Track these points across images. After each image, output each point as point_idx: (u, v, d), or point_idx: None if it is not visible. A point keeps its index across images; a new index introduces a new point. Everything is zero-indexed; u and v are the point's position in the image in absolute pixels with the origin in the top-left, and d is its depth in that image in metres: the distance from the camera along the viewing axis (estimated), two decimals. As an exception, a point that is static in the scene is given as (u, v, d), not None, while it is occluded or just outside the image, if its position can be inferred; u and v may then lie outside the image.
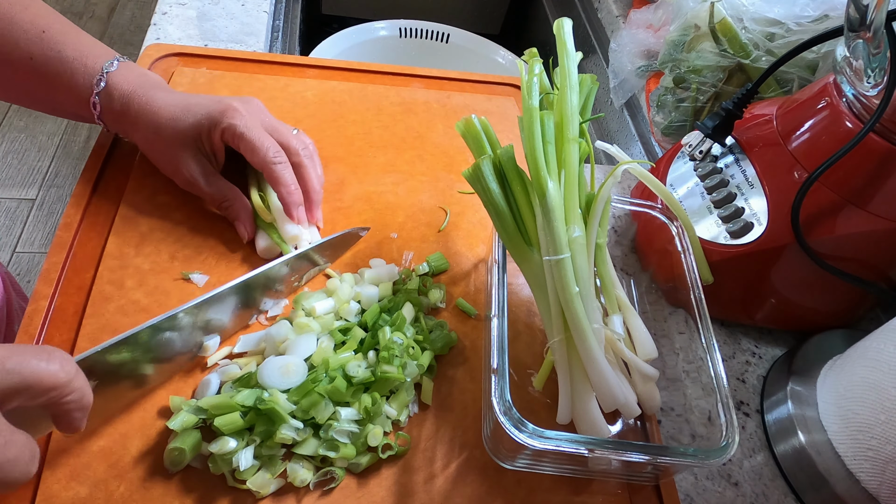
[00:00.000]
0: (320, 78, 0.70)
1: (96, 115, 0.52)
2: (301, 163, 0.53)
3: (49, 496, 0.39)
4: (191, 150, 0.52)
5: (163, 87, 0.54)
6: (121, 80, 0.52)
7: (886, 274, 0.54)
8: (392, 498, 0.43)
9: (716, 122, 0.57)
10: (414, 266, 0.55)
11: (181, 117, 0.51)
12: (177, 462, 0.41)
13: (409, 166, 0.64)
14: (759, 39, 0.64)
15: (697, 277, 0.50)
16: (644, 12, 0.83)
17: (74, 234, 0.52)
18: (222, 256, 0.53)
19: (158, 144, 0.52)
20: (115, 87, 0.51)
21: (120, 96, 0.51)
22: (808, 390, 0.52)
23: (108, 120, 0.53)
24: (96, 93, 0.51)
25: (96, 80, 0.51)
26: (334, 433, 0.42)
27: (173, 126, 0.51)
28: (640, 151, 0.88)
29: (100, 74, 0.51)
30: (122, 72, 0.52)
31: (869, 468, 0.46)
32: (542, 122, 0.45)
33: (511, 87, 0.76)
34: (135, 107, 0.51)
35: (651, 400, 0.47)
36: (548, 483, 0.46)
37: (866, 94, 0.47)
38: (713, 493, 0.50)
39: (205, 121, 0.51)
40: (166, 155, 0.53)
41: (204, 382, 0.44)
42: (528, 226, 0.46)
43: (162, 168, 0.55)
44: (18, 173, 1.83)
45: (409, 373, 0.45)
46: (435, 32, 1.14)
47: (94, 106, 0.52)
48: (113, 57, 0.53)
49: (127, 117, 0.52)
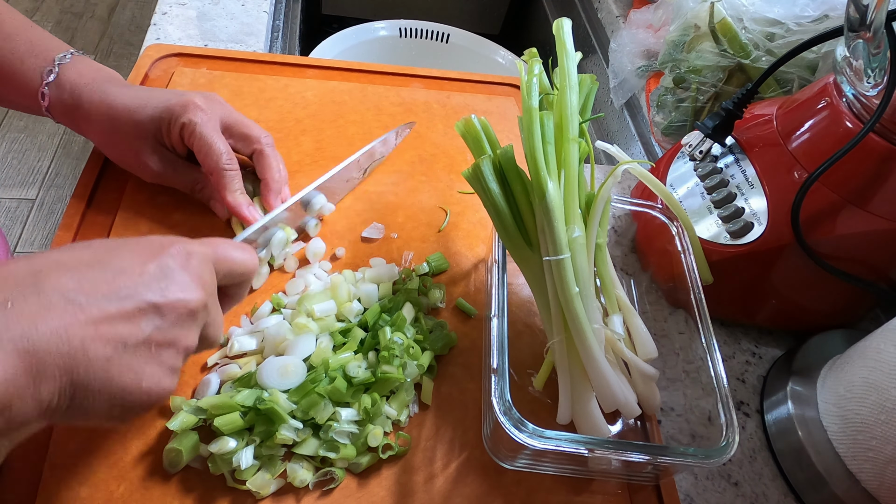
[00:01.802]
0: (320, 78, 0.70)
1: (44, 106, 0.51)
2: (261, 150, 0.53)
3: (49, 496, 0.39)
4: (152, 144, 0.51)
5: (118, 81, 0.53)
6: (73, 73, 0.51)
7: (886, 274, 0.54)
8: (392, 498, 0.43)
9: (716, 122, 0.57)
10: (414, 266, 0.55)
11: (139, 111, 0.50)
12: (174, 463, 0.41)
13: (409, 166, 0.64)
14: (759, 39, 0.64)
15: (697, 277, 0.50)
16: (644, 12, 0.83)
17: (74, 234, 0.52)
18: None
19: (116, 139, 0.52)
20: (67, 80, 0.50)
21: (71, 88, 0.50)
22: (808, 390, 0.52)
23: (57, 112, 0.52)
24: (45, 83, 0.50)
25: (47, 70, 0.50)
26: (334, 434, 0.42)
27: (131, 120, 0.50)
28: (640, 151, 0.88)
29: (51, 66, 0.50)
30: (76, 65, 0.51)
31: (869, 468, 0.46)
32: (542, 122, 0.45)
33: (511, 87, 0.76)
34: (87, 100, 0.50)
35: (651, 400, 0.47)
36: (548, 483, 0.46)
37: (866, 94, 0.47)
38: (713, 493, 0.50)
39: (164, 114, 0.50)
40: (126, 150, 0.52)
41: (204, 382, 0.44)
42: (528, 226, 0.46)
43: (122, 163, 0.54)
44: (18, 173, 1.83)
45: (409, 373, 0.45)
46: (435, 32, 1.14)
47: (42, 96, 0.50)
48: (67, 50, 0.52)
49: (79, 111, 0.51)
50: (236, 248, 0.39)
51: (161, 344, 0.33)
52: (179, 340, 0.34)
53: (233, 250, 0.39)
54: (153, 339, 0.32)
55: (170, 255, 0.34)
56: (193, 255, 0.35)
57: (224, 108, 0.53)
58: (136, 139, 0.51)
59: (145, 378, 0.32)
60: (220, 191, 0.51)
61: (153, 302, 0.32)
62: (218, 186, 0.51)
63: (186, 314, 0.34)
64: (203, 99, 0.51)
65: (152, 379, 0.32)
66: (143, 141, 0.51)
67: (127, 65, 2.11)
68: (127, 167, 0.54)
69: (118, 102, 0.50)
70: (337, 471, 0.43)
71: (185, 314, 0.33)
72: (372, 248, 0.56)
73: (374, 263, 0.54)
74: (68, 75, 0.50)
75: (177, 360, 0.34)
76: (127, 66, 2.08)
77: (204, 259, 0.36)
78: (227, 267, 0.38)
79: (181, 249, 0.35)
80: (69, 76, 0.50)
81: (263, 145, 0.53)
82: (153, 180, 0.53)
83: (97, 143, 0.54)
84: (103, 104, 0.50)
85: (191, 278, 0.34)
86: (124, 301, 0.31)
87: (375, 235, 0.57)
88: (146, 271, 0.33)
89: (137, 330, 0.31)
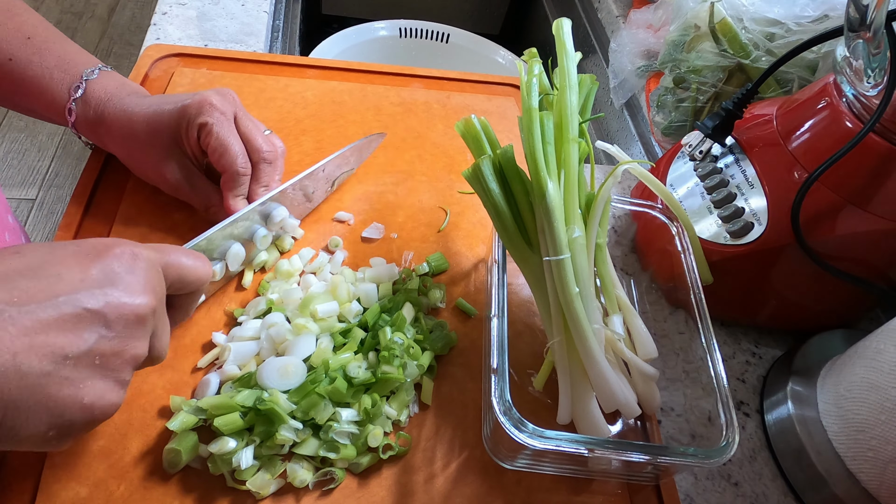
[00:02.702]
0: (320, 78, 0.70)
1: (71, 122, 0.51)
2: (259, 164, 0.51)
3: (49, 496, 0.39)
4: (171, 152, 0.50)
5: (140, 93, 0.52)
6: (98, 88, 0.50)
7: (886, 274, 0.54)
8: (392, 498, 0.43)
9: (716, 122, 0.57)
10: (414, 266, 0.55)
11: (156, 119, 0.49)
12: (174, 463, 0.41)
13: (409, 166, 0.64)
14: (759, 39, 0.64)
15: (697, 277, 0.50)
16: (644, 12, 0.83)
17: (74, 234, 0.52)
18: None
19: (136, 151, 0.51)
20: (92, 95, 0.50)
21: (96, 104, 0.50)
22: (808, 390, 0.52)
23: (83, 129, 0.51)
24: (73, 99, 0.50)
25: (74, 86, 0.50)
26: (334, 434, 0.42)
27: (150, 129, 0.50)
28: (640, 151, 0.88)
29: (79, 81, 0.50)
30: (102, 80, 0.51)
31: (869, 468, 0.46)
32: (542, 122, 0.45)
33: (511, 87, 0.76)
34: (109, 114, 0.50)
35: (651, 400, 0.47)
36: (548, 483, 0.46)
37: (866, 94, 0.47)
38: (713, 493, 0.50)
39: (181, 117, 0.49)
40: (146, 161, 0.51)
41: (203, 382, 0.44)
42: (528, 226, 0.46)
43: (145, 176, 0.53)
44: (18, 173, 1.83)
45: (410, 373, 0.45)
46: (435, 32, 1.14)
47: (69, 112, 0.50)
48: (96, 65, 0.51)
49: (102, 125, 0.50)
50: (187, 255, 0.37)
51: (106, 355, 0.30)
52: (127, 350, 0.31)
53: (183, 257, 0.37)
54: (97, 349, 0.30)
55: (114, 258, 0.32)
56: (140, 257, 0.33)
57: (237, 106, 0.52)
58: (156, 149, 0.50)
59: (87, 392, 0.29)
60: (225, 191, 0.50)
61: (96, 309, 0.30)
62: (225, 187, 0.50)
63: (134, 321, 0.31)
64: (219, 97, 0.50)
65: (94, 393, 0.30)
66: (162, 150, 0.50)
67: (127, 65, 2.11)
68: (148, 179, 0.53)
69: (136, 113, 0.50)
70: (337, 471, 0.43)
71: (132, 321, 0.31)
72: (372, 248, 0.56)
73: (374, 263, 0.54)
74: (94, 91, 0.50)
75: (125, 372, 0.32)
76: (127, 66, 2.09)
77: (152, 263, 0.34)
78: (177, 273, 0.36)
79: (127, 251, 0.32)
80: (95, 92, 0.50)
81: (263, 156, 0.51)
82: (171, 192, 0.52)
83: (121, 157, 0.53)
84: (123, 116, 0.50)
85: (138, 282, 0.32)
86: (61, 308, 0.29)
87: (375, 235, 0.57)
88: (88, 276, 0.30)
89: (78, 340, 0.29)
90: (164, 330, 0.35)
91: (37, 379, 0.28)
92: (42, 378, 0.28)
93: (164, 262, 0.35)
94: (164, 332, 0.35)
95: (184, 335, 0.48)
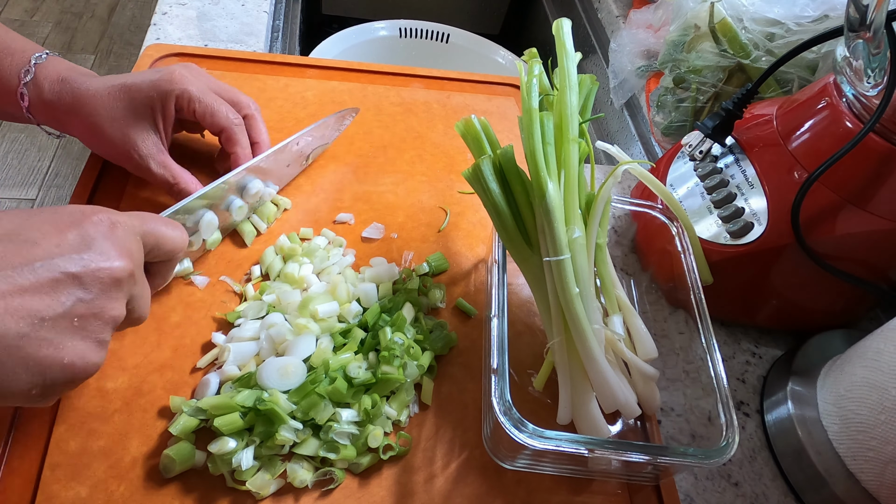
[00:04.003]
0: (320, 78, 0.70)
1: (24, 107, 0.51)
2: (252, 115, 0.54)
3: (49, 496, 0.39)
4: (141, 129, 0.50)
5: (90, 74, 0.52)
6: (50, 71, 0.50)
7: (886, 274, 0.54)
8: (392, 498, 0.43)
9: (716, 122, 0.57)
10: (414, 266, 0.55)
11: (122, 95, 0.50)
12: (168, 469, 0.41)
13: (409, 166, 0.64)
14: (759, 39, 0.64)
15: (697, 277, 0.50)
16: (644, 12, 0.83)
17: (74, 234, 0.52)
18: (222, 256, 0.53)
19: (102, 129, 0.50)
20: (45, 78, 0.50)
21: (51, 85, 0.50)
22: (808, 390, 0.52)
23: (38, 112, 0.51)
24: (24, 83, 0.50)
25: (24, 70, 0.50)
26: (334, 434, 0.42)
27: (118, 107, 0.50)
28: (640, 151, 0.88)
29: (27, 66, 0.50)
30: (52, 64, 0.51)
31: (869, 468, 0.46)
32: (542, 122, 0.45)
33: (511, 87, 0.76)
34: (69, 94, 0.50)
35: (651, 400, 0.47)
36: (548, 483, 0.46)
37: (866, 94, 0.47)
38: (713, 493, 0.50)
39: (153, 93, 0.49)
40: (112, 139, 0.51)
41: (203, 382, 0.44)
42: (528, 226, 0.46)
43: (108, 154, 0.53)
44: (18, 173, 1.83)
45: (410, 374, 0.45)
46: (435, 32, 1.14)
47: (21, 97, 0.50)
48: (42, 51, 0.51)
49: (60, 106, 0.50)
50: (165, 224, 0.39)
51: (84, 316, 0.32)
52: (105, 311, 0.33)
53: (161, 225, 0.38)
54: (75, 311, 0.31)
55: (92, 224, 0.33)
56: (119, 224, 0.34)
57: (207, 76, 0.54)
58: (124, 127, 0.50)
59: (66, 353, 0.31)
60: (231, 146, 0.52)
61: (72, 272, 0.31)
62: (227, 144, 0.52)
63: (111, 283, 0.32)
64: (186, 69, 0.52)
65: (74, 352, 0.31)
66: (132, 127, 0.50)
67: (127, 65, 2.11)
68: (113, 158, 0.53)
69: (98, 90, 0.50)
70: (337, 471, 0.43)
71: (109, 283, 0.32)
72: (372, 248, 0.56)
73: (375, 263, 0.54)
74: (45, 74, 0.50)
75: (104, 332, 0.33)
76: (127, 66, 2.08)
77: (130, 229, 0.35)
78: (154, 240, 0.37)
79: (105, 218, 0.34)
80: (47, 74, 0.50)
81: (253, 110, 0.55)
82: (136, 170, 0.52)
83: (82, 137, 0.53)
84: (83, 96, 0.50)
85: (114, 246, 0.33)
86: (39, 272, 0.30)
87: (375, 235, 0.57)
88: (64, 241, 0.32)
89: (55, 302, 0.30)
90: (143, 293, 0.37)
91: (14, 340, 0.29)
92: (19, 339, 0.29)
93: (143, 230, 0.36)
94: (143, 296, 0.37)
95: (184, 335, 0.48)
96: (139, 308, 0.37)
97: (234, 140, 0.52)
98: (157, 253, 0.38)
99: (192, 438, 0.42)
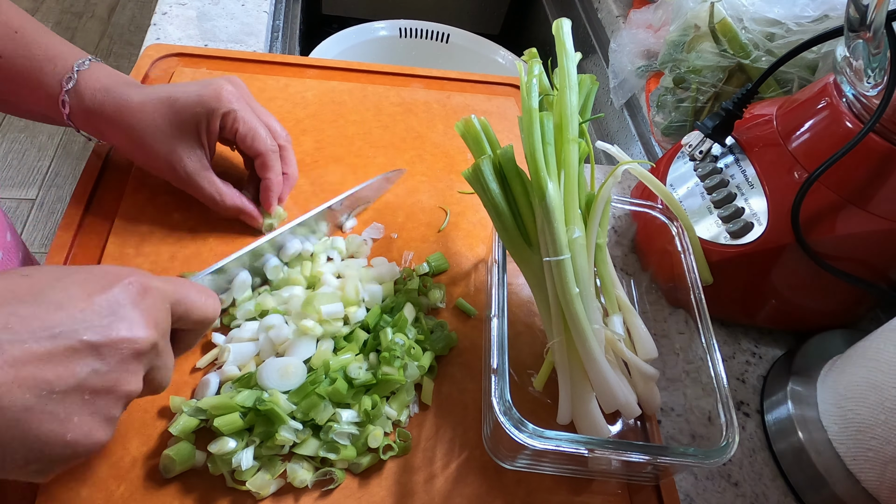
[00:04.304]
0: (320, 78, 0.70)
1: (65, 114, 0.50)
2: (285, 146, 0.54)
3: (49, 496, 0.39)
4: (186, 145, 0.50)
5: (132, 83, 0.52)
6: (92, 79, 0.50)
7: (886, 274, 0.54)
8: (392, 498, 0.43)
9: (716, 122, 0.57)
10: (414, 266, 0.55)
11: (168, 111, 0.49)
12: (168, 470, 0.41)
13: (409, 166, 0.64)
14: (759, 39, 0.64)
15: (697, 277, 0.50)
16: (644, 12, 0.83)
17: (74, 234, 0.52)
18: (222, 256, 0.53)
19: (144, 142, 0.50)
20: (87, 86, 0.50)
21: (92, 94, 0.49)
22: (808, 390, 0.52)
23: (79, 120, 0.51)
24: (66, 90, 0.49)
25: (66, 77, 0.49)
26: (334, 435, 0.42)
27: (162, 121, 0.49)
28: (640, 151, 0.88)
29: (70, 73, 0.50)
30: (94, 71, 0.50)
31: (869, 468, 0.46)
32: (542, 122, 0.45)
33: (511, 87, 0.76)
34: (111, 104, 0.49)
35: (651, 400, 0.47)
36: (548, 483, 0.46)
37: (866, 94, 0.47)
38: (713, 493, 0.50)
39: (200, 109, 0.49)
40: (156, 153, 0.51)
41: (203, 382, 0.44)
42: (528, 226, 0.46)
43: (148, 166, 0.53)
44: (18, 173, 1.83)
45: (410, 374, 0.45)
46: (435, 32, 1.14)
47: (62, 104, 0.50)
48: (85, 57, 0.51)
49: (102, 115, 0.50)
50: (199, 292, 0.36)
51: (97, 391, 0.29)
52: (120, 386, 0.30)
53: (195, 293, 0.36)
54: (88, 384, 0.29)
55: (122, 288, 0.31)
56: (150, 290, 0.32)
57: (249, 95, 0.53)
58: (168, 141, 0.50)
59: (71, 429, 0.28)
60: (265, 171, 0.52)
61: (91, 341, 0.29)
62: (262, 168, 0.52)
63: (131, 355, 0.30)
64: (232, 86, 0.51)
65: (80, 430, 0.29)
66: (177, 141, 0.50)
67: (127, 65, 2.11)
68: (155, 171, 0.53)
69: (145, 106, 0.49)
70: (337, 471, 0.43)
71: (129, 355, 0.30)
72: (372, 249, 0.56)
73: (376, 263, 0.54)
74: (88, 82, 0.50)
75: (115, 409, 0.30)
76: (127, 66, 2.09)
77: (162, 296, 0.33)
78: (184, 309, 0.35)
79: (137, 282, 0.32)
80: (89, 82, 0.50)
81: (285, 140, 0.55)
82: (179, 184, 0.52)
83: (123, 148, 0.53)
84: (126, 107, 0.49)
85: (141, 315, 0.31)
86: (56, 340, 0.28)
87: (375, 235, 0.57)
88: (90, 306, 0.29)
89: (68, 373, 0.28)
90: (165, 364, 0.34)
91: (17, 413, 0.27)
92: (23, 413, 0.27)
93: (174, 299, 0.34)
94: (165, 366, 0.34)
95: (184, 335, 0.48)
96: (159, 378, 0.34)
97: (269, 166, 0.52)
98: (186, 322, 0.36)
99: (192, 438, 0.42)
